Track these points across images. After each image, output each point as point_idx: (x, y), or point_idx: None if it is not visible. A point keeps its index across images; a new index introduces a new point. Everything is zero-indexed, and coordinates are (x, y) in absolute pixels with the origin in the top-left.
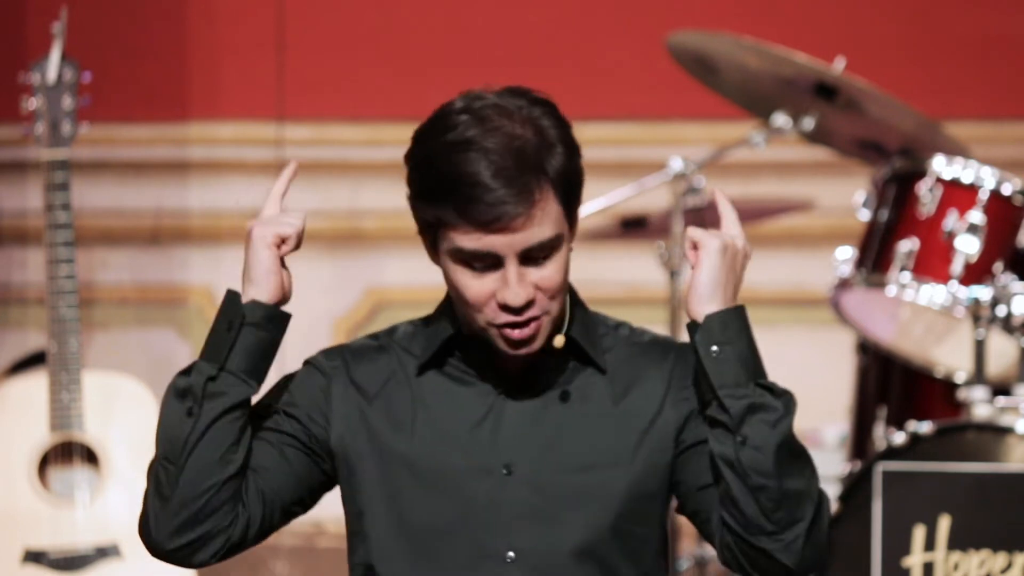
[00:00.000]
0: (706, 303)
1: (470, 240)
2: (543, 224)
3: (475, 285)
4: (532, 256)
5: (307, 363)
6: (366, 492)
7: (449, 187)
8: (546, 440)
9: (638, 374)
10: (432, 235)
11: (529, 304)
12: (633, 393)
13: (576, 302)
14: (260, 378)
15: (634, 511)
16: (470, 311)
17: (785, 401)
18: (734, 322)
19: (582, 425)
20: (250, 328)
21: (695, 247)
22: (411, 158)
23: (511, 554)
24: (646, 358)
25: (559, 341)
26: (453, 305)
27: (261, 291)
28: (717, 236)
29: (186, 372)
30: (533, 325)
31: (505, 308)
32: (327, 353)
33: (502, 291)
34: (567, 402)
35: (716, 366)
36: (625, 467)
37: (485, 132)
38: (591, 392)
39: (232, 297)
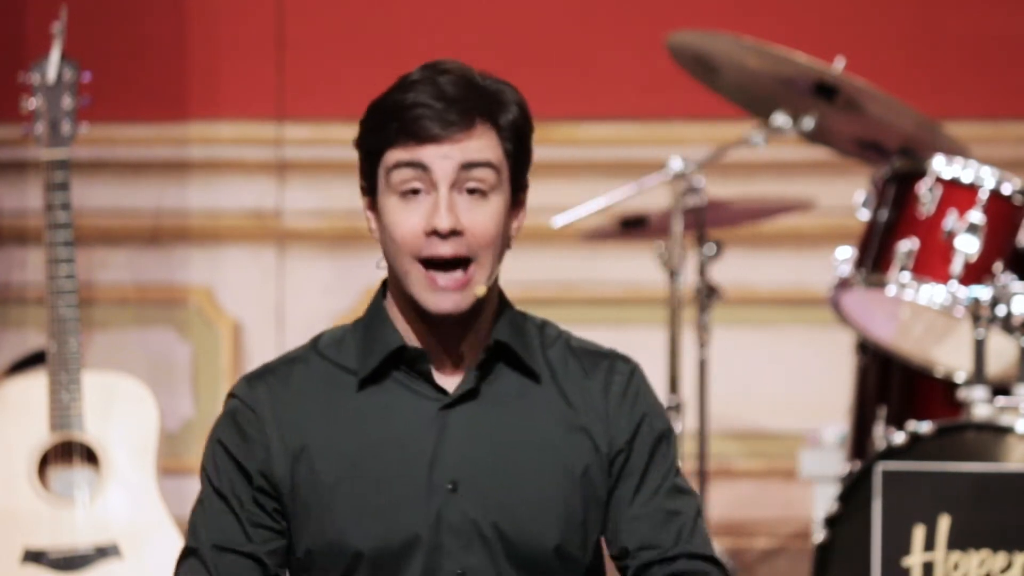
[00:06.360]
0: None
1: (406, 152)
2: (481, 148)
3: (405, 218)
4: (467, 186)
5: (230, 397)
6: (312, 522)
7: (395, 110)
8: (489, 454)
9: (577, 385)
10: (372, 176)
11: (456, 234)
12: (573, 406)
13: (505, 303)
14: None
15: (573, 533)
16: (399, 250)
17: None
18: None
19: (523, 438)
20: None
21: None
22: (364, 114)
23: (459, 571)
24: (583, 368)
25: (480, 291)
26: (386, 308)
27: None
28: None
29: None
30: (460, 276)
31: (434, 235)
32: (250, 382)
33: (431, 217)
34: (507, 414)
35: None
36: (569, 484)
37: (437, 71)
38: (535, 403)
39: None
